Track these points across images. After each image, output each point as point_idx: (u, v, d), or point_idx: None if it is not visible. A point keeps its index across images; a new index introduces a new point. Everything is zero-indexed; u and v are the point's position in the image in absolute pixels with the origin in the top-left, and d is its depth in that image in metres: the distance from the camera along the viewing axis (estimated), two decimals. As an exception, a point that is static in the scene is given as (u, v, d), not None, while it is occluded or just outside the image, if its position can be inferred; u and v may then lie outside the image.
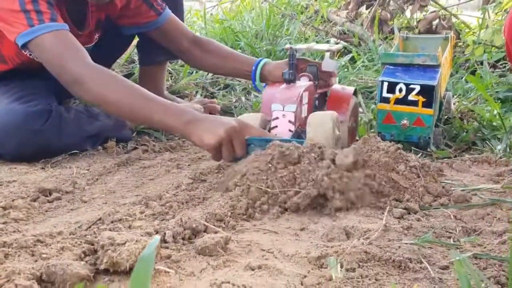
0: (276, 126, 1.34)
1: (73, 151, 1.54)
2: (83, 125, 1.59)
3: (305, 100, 1.42)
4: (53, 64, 1.40)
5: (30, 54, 1.45)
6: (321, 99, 1.57)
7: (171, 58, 1.98)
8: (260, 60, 1.70)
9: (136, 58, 2.24)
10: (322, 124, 1.32)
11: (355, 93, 1.62)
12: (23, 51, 1.42)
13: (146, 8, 1.68)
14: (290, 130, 1.34)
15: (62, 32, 1.39)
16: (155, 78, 1.95)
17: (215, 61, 1.77)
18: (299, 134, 1.36)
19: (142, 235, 0.93)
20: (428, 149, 1.57)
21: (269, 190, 1.11)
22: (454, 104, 1.91)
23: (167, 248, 0.93)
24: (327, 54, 1.58)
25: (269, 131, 1.35)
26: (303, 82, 1.47)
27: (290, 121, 1.34)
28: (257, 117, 1.38)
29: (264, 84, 1.67)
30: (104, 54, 1.84)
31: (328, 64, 1.57)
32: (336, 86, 1.60)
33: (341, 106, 1.53)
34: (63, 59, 1.36)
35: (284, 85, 1.42)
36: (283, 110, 1.35)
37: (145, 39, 1.80)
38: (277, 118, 1.35)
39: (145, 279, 0.42)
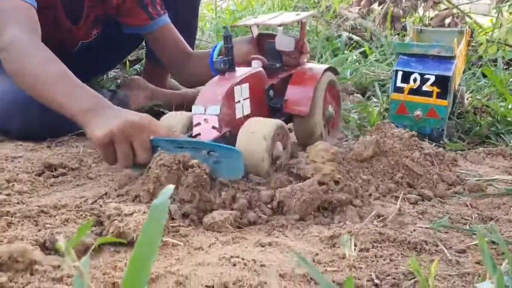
0: (199, 134, 1.07)
1: (80, 131, 1.51)
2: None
3: (244, 94, 1.13)
4: None
5: None
6: (284, 86, 1.26)
7: None
8: (218, 44, 1.47)
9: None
10: (253, 142, 1.04)
11: (332, 71, 1.32)
12: None
13: (139, 11, 1.62)
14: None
15: (21, 3, 1.27)
16: (159, 74, 1.91)
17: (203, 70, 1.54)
18: (228, 140, 1.07)
19: (149, 208, 0.90)
20: (441, 141, 1.53)
21: None
22: (467, 99, 1.88)
23: (174, 222, 0.90)
24: (280, 30, 1.27)
25: None
26: (246, 70, 1.17)
27: (214, 127, 1.06)
28: (184, 117, 1.13)
29: None
30: (106, 51, 1.80)
31: (282, 42, 1.26)
32: (305, 66, 1.30)
33: (302, 96, 1.22)
34: (5, 25, 1.24)
35: (216, 78, 1.13)
36: (204, 113, 1.07)
37: None
38: (198, 124, 1.07)
39: (158, 226, 0.39)
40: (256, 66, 1.20)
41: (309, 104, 1.21)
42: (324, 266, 0.78)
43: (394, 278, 0.75)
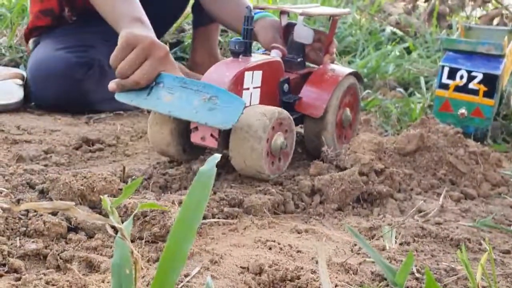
0: (196, 128, 0.98)
1: (118, 111, 1.50)
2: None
3: (256, 82, 1.02)
4: None
5: None
6: (301, 83, 1.16)
7: None
8: (258, 12, 1.31)
9: (185, 27, 2.21)
10: (248, 133, 0.94)
11: (355, 76, 1.22)
12: None
13: None
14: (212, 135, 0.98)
15: None
16: (208, 39, 1.88)
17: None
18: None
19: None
20: (485, 142, 1.48)
21: None
22: (513, 101, 1.82)
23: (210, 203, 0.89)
24: (300, 19, 1.16)
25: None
26: (262, 57, 1.08)
27: None
28: None
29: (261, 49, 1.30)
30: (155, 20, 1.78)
31: (301, 33, 1.15)
32: (327, 66, 1.18)
33: (318, 98, 1.12)
34: None
35: (228, 59, 1.05)
36: None
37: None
38: None
39: (205, 190, 0.37)
40: (275, 55, 1.11)
41: (323, 107, 1.10)
42: (363, 257, 0.75)
43: (435, 274, 0.72)
